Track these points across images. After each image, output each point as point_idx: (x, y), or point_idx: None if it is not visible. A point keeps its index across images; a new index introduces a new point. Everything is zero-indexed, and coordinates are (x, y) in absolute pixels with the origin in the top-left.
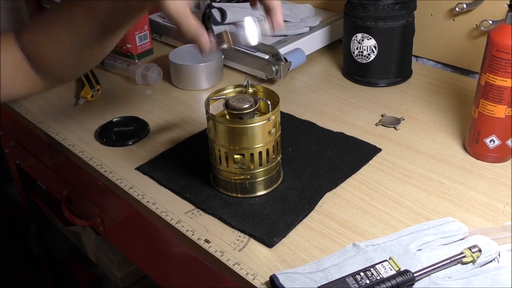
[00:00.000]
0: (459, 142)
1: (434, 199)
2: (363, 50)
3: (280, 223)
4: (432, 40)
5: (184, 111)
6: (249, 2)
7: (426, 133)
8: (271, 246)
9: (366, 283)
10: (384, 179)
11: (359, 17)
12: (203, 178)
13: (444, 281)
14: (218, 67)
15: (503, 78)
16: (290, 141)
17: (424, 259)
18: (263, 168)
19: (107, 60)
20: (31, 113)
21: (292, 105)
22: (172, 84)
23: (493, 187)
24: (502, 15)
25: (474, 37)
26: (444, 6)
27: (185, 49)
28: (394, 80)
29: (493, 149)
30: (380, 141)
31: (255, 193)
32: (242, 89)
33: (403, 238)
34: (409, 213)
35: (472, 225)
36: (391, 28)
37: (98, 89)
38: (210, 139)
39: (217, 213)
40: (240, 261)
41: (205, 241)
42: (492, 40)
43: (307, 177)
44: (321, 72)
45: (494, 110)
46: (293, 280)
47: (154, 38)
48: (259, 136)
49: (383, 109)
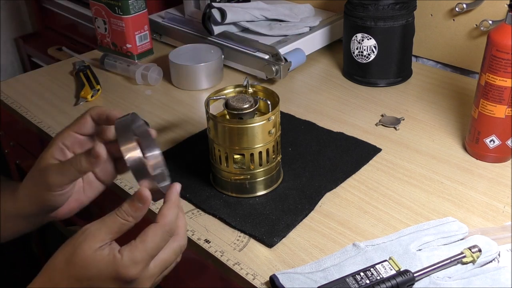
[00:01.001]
0: (459, 142)
1: (434, 199)
2: (363, 50)
3: (280, 223)
4: (432, 40)
5: (184, 111)
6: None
7: (426, 133)
8: (271, 246)
9: (366, 283)
10: (384, 179)
11: (359, 17)
12: (203, 178)
13: (444, 281)
14: (218, 67)
15: (503, 78)
16: (290, 141)
17: (424, 259)
18: (263, 168)
19: (107, 60)
20: (31, 113)
21: (292, 105)
22: (172, 84)
23: (493, 187)
24: (502, 15)
25: (474, 37)
26: (444, 6)
27: (185, 49)
28: (394, 80)
29: (493, 149)
30: (380, 141)
31: (255, 193)
32: (242, 89)
33: (403, 238)
34: (409, 213)
35: (472, 225)
36: (391, 28)
37: (98, 89)
38: (210, 139)
39: (217, 213)
40: (240, 261)
41: (205, 241)
42: (492, 40)
43: (307, 177)
44: (321, 72)
45: (494, 110)
46: (293, 280)
47: (154, 38)
48: (259, 136)
49: (383, 109)
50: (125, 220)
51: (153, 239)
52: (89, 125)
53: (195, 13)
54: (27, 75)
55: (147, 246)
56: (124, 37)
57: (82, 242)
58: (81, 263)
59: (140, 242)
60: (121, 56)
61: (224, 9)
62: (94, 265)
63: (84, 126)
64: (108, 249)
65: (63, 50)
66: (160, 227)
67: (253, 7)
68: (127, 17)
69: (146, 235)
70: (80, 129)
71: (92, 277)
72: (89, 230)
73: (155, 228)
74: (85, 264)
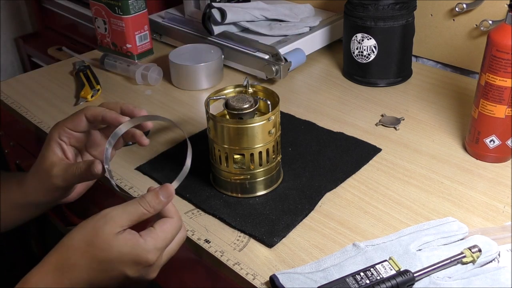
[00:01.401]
0: (459, 142)
1: (434, 199)
2: (363, 50)
3: (280, 223)
4: (432, 40)
5: (184, 111)
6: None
7: (426, 133)
8: (271, 246)
9: (366, 283)
10: (384, 179)
11: (359, 17)
12: (203, 178)
13: (444, 281)
14: (218, 67)
15: (503, 78)
16: (290, 141)
17: (424, 259)
18: (263, 168)
19: (107, 60)
20: (31, 113)
21: (292, 105)
22: (172, 84)
23: (493, 187)
24: (502, 15)
25: (474, 37)
26: (444, 6)
27: (185, 49)
28: (394, 80)
29: (493, 149)
30: (380, 141)
31: (255, 193)
32: (242, 89)
33: (403, 238)
34: (409, 213)
35: (472, 225)
36: (391, 28)
37: (98, 89)
38: (210, 139)
39: (217, 213)
40: (240, 261)
41: (205, 241)
42: (492, 40)
43: (307, 177)
44: (321, 72)
45: (494, 110)
46: (293, 280)
47: (154, 38)
48: (259, 136)
49: (383, 109)
50: (147, 211)
51: (172, 230)
52: (84, 124)
53: (195, 13)
54: (27, 75)
55: (167, 236)
56: (124, 37)
57: (103, 225)
58: (103, 245)
59: (161, 231)
60: (121, 56)
61: (224, 9)
62: (117, 248)
63: (79, 125)
64: (130, 234)
65: (63, 50)
66: (176, 222)
67: (253, 7)
68: (127, 17)
69: (167, 226)
70: (74, 127)
71: (113, 260)
72: (111, 214)
73: (172, 222)
74: (108, 246)
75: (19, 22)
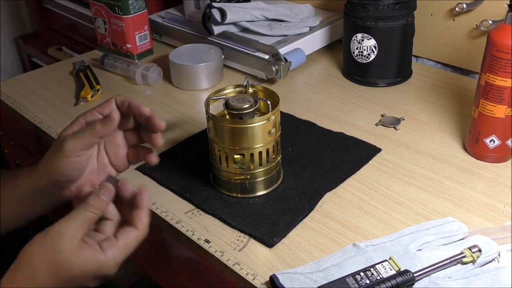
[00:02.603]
0: (459, 142)
1: (434, 199)
2: (363, 50)
3: (280, 223)
4: (432, 40)
5: (184, 111)
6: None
7: (426, 133)
8: (271, 246)
9: (366, 283)
10: (384, 179)
11: (359, 17)
12: (203, 178)
13: (444, 281)
14: (218, 67)
15: (503, 78)
16: (290, 141)
17: (424, 259)
18: (263, 168)
19: (107, 60)
20: (31, 113)
21: (292, 105)
22: (172, 84)
23: (493, 187)
24: (502, 15)
25: (474, 37)
26: (444, 6)
27: (185, 49)
28: (394, 80)
29: (493, 149)
30: (380, 141)
31: (255, 193)
32: (242, 89)
33: (403, 238)
34: (409, 213)
35: (472, 225)
36: (391, 28)
37: (98, 89)
38: (210, 139)
39: (217, 213)
40: (240, 261)
41: (205, 241)
42: (492, 40)
43: (307, 177)
44: (321, 72)
45: (494, 110)
46: (293, 280)
47: (154, 38)
48: (259, 136)
49: (383, 109)
50: (94, 214)
51: (134, 243)
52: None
53: (195, 13)
54: (27, 75)
55: (128, 250)
56: (124, 37)
57: (60, 242)
58: (65, 264)
59: (123, 245)
60: (121, 56)
61: (224, 9)
62: (79, 267)
63: (106, 107)
64: (90, 250)
65: (63, 50)
66: (142, 235)
67: (253, 7)
68: (127, 17)
69: (130, 239)
70: (101, 110)
71: (76, 277)
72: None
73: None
74: (70, 264)
75: (19, 22)
